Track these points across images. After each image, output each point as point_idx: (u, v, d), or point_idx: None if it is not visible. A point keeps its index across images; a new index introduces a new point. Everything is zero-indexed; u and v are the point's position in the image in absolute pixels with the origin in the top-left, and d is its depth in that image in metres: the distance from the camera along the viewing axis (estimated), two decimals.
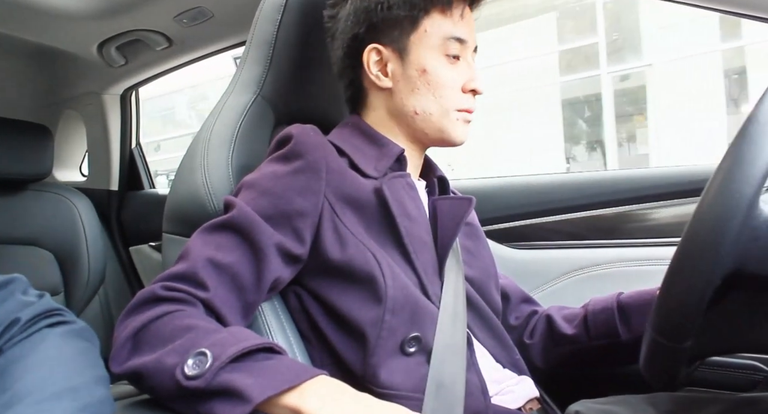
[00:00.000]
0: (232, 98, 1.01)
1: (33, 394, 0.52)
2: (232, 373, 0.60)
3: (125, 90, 1.96)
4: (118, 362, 0.65)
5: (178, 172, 0.98)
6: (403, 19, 0.86)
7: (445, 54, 0.87)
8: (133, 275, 1.98)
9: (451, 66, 0.88)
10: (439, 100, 0.87)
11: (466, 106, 0.89)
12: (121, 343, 0.66)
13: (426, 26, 0.86)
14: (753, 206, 0.54)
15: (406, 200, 0.85)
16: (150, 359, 0.63)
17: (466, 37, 0.88)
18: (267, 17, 1.01)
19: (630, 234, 1.35)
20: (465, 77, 0.89)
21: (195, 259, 0.72)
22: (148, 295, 0.69)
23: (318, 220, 0.79)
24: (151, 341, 0.65)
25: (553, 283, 1.35)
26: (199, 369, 0.59)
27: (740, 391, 0.99)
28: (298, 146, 0.81)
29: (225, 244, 0.74)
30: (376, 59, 0.89)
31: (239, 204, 0.77)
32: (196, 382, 0.59)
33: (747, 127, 0.55)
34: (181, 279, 0.71)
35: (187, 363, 0.60)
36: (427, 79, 0.87)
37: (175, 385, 0.60)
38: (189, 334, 0.64)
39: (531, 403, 0.88)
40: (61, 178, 2.05)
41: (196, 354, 0.60)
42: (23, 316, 0.62)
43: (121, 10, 1.49)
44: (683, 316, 0.57)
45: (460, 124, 0.89)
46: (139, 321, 0.66)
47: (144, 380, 0.63)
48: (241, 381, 0.59)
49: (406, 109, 0.89)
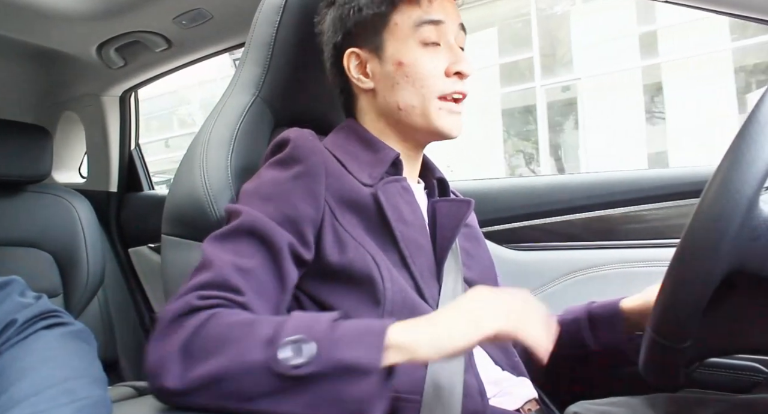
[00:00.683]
0: (231, 99, 1.01)
1: (29, 397, 0.52)
2: (335, 351, 0.60)
3: (124, 91, 1.96)
4: (176, 376, 0.61)
5: (177, 174, 0.98)
6: (373, 17, 0.87)
7: (421, 42, 0.86)
8: (133, 277, 1.98)
9: (428, 53, 0.86)
10: (420, 91, 0.85)
11: (449, 90, 0.86)
12: (169, 358, 0.62)
13: (396, 19, 0.86)
14: (753, 206, 0.54)
15: (402, 205, 0.85)
16: (223, 361, 0.61)
17: (440, 18, 0.86)
18: (266, 19, 1.01)
19: (629, 235, 1.35)
20: (447, 61, 0.86)
21: (220, 266, 0.70)
22: (185, 307, 0.66)
23: (320, 224, 0.79)
24: (208, 347, 0.63)
25: (552, 284, 1.35)
26: (306, 355, 0.59)
27: (740, 392, 0.99)
28: (297, 151, 0.81)
29: (243, 249, 0.73)
30: (356, 63, 0.90)
31: (246, 209, 0.76)
32: (308, 368, 0.59)
33: (747, 127, 0.55)
34: (213, 287, 0.68)
35: (281, 353, 0.60)
36: (404, 72, 0.86)
37: (275, 377, 0.59)
38: (254, 328, 0.63)
39: (529, 404, 0.88)
40: (60, 179, 2.04)
41: (290, 342, 0.60)
42: (20, 317, 0.62)
43: (120, 12, 1.49)
44: (682, 317, 0.57)
45: (444, 114, 0.86)
46: (184, 333, 0.64)
47: (224, 384, 0.61)
48: (349, 355, 0.60)
49: (390, 106, 0.88)
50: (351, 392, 0.60)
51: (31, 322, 0.63)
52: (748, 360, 1.07)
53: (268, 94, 1.01)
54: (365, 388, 0.60)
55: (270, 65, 1.01)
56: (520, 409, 0.86)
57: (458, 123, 0.88)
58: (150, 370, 0.64)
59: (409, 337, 0.63)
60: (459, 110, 0.88)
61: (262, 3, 1.03)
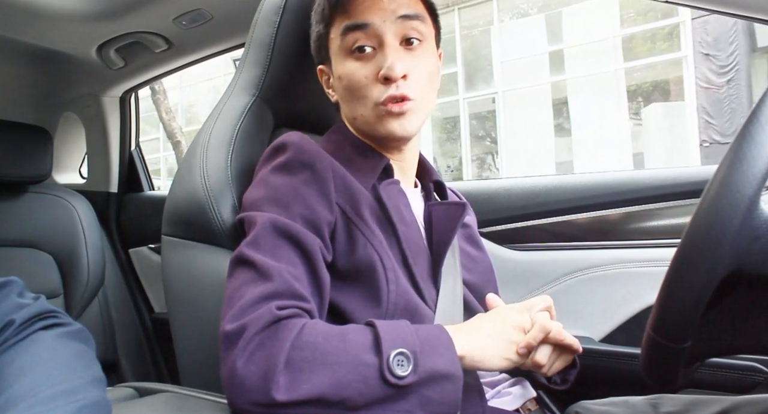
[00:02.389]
0: (231, 100, 1.01)
1: (27, 398, 0.52)
2: (428, 360, 0.66)
3: (124, 92, 1.96)
4: (286, 388, 0.62)
5: (177, 174, 0.98)
6: (320, 35, 0.90)
7: (349, 51, 0.84)
8: (133, 277, 1.98)
9: (359, 62, 0.83)
10: (360, 101, 0.84)
11: (382, 97, 0.82)
12: (274, 371, 0.62)
13: (332, 34, 0.88)
14: (753, 206, 0.54)
15: (401, 206, 0.85)
16: (337, 370, 0.63)
17: (364, 21, 0.82)
18: (266, 19, 1.01)
19: (629, 235, 1.35)
20: (376, 67, 0.82)
21: (280, 274, 0.70)
22: (270, 318, 0.65)
23: (334, 225, 0.79)
24: (313, 357, 0.64)
25: (552, 284, 1.35)
26: (407, 366, 0.64)
27: (740, 392, 0.99)
28: (303, 156, 0.80)
29: (285, 254, 0.73)
30: (325, 78, 0.94)
31: (268, 215, 0.75)
32: (409, 378, 0.64)
33: (747, 127, 0.55)
34: (285, 296, 0.69)
35: (389, 365, 0.64)
36: (344, 85, 0.86)
37: (385, 385, 0.64)
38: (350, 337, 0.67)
39: (529, 404, 0.88)
40: (60, 180, 2.05)
41: (395, 355, 0.65)
42: (18, 318, 0.62)
43: (120, 12, 1.49)
44: (682, 317, 0.57)
45: (386, 118, 0.83)
46: (281, 344, 0.64)
47: (336, 393, 0.62)
48: (435, 364, 0.66)
49: (349, 117, 0.90)
50: (441, 398, 0.65)
51: (30, 323, 0.63)
52: (748, 360, 1.07)
53: (268, 95, 1.01)
54: (453, 392, 0.66)
55: (270, 66, 1.01)
56: (520, 409, 0.86)
57: (402, 123, 0.83)
58: (246, 381, 0.63)
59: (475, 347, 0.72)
60: (401, 111, 0.82)
61: (261, 4, 1.03)
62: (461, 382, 0.67)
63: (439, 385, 0.65)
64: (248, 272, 0.71)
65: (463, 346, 0.70)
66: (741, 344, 0.66)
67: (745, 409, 0.82)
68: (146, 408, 0.77)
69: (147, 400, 0.83)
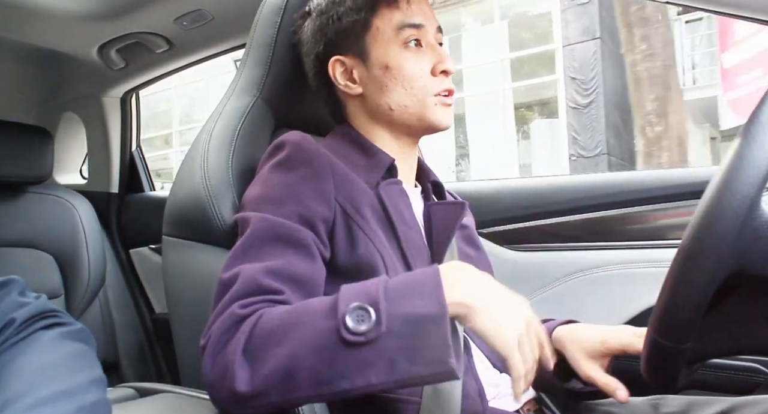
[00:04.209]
0: (232, 101, 1.01)
1: (25, 398, 0.52)
2: (397, 307, 0.61)
3: (125, 92, 1.96)
4: (247, 378, 0.62)
5: (178, 175, 0.99)
6: (353, 24, 0.88)
7: (404, 44, 0.87)
8: (134, 278, 1.98)
9: (413, 54, 0.87)
10: (410, 91, 0.87)
11: (440, 88, 0.88)
12: (233, 365, 0.62)
13: (377, 23, 0.87)
14: (754, 206, 0.53)
15: (402, 207, 0.86)
16: (291, 346, 0.61)
17: (419, 21, 0.88)
18: (267, 20, 1.01)
19: (630, 236, 1.35)
20: (432, 61, 0.88)
21: (250, 275, 0.70)
22: (231, 318, 0.66)
23: (332, 223, 0.79)
24: (269, 341, 0.63)
25: (553, 285, 1.35)
26: (369, 320, 0.60)
27: (741, 393, 0.99)
28: (301, 153, 0.81)
29: (269, 253, 0.73)
30: (341, 70, 0.90)
31: (260, 216, 0.76)
32: (372, 332, 0.60)
33: (749, 128, 0.55)
34: (250, 294, 0.68)
35: (344, 323, 0.60)
36: (392, 74, 0.87)
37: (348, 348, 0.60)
38: (308, 309, 0.64)
39: (529, 405, 0.88)
40: (61, 180, 2.04)
41: (352, 309, 0.61)
42: (18, 317, 0.62)
43: (121, 13, 1.49)
44: (684, 317, 0.57)
45: (440, 109, 0.89)
46: (239, 339, 0.64)
47: (297, 371, 0.61)
48: (411, 307, 0.61)
49: (381, 108, 0.89)
50: (422, 343, 0.60)
51: (30, 322, 0.63)
52: (749, 361, 1.07)
53: (269, 96, 1.01)
54: (437, 334, 0.60)
55: (271, 66, 1.01)
56: (520, 410, 0.86)
57: (451, 116, 0.90)
58: (214, 383, 0.64)
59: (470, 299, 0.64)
60: (450, 103, 0.90)
61: (262, 4, 1.03)
62: (446, 324, 0.61)
63: (417, 328, 0.61)
64: (222, 284, 0.72)
65: (467, 292, 0.65)
66: (742, 345, 0.66)
67: (746, 409, 0.82)
68: (147, 408, 0.77)
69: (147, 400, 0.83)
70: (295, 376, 0.61)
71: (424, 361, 0.60)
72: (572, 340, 0.89)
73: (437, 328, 0.61)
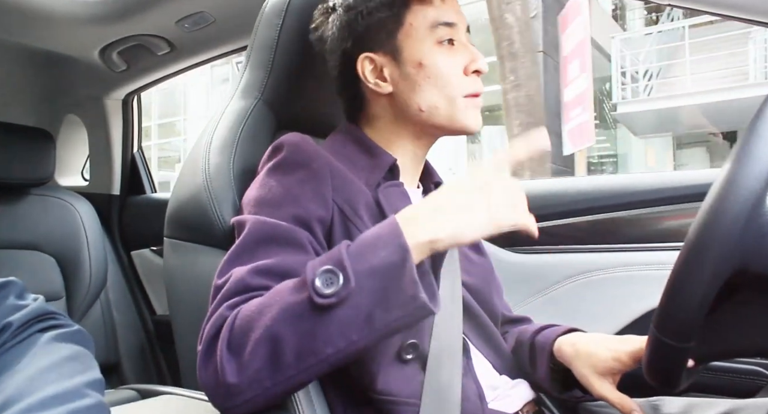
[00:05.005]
0: (233, 103, 1.01)
1: (21, 401, 0.51)
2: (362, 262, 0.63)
3: (127, 95, 1.97)
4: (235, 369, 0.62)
5: (179, 177, 0.99)
6: (385, 20, 0.85)
7: (438, 42, 0.85)
8: (135, 279, 1.98)
9: (447, 52, 0.85)
10: (443, 91, 0.84)
11: (472, 89, 0.86)
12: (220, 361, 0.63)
13: (410, 20, 0.85)
14: (760, 203, 0.53)
15: (401, 209, 0.85)
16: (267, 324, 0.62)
17: (453, 20, 0.85)
18: (268, 22, 1.01)
19: (632, 239, 1.34)
20: (465, 60, 0.86)
21: (240, 276, 0.70)
22: (218, 320, 0.67)
23: (330, 225, 0.79)
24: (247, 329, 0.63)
25: (555, 287, 1.35)
26: (337, 281, 0.61)
27: (743, 396, 0.99)
28: (300, 155, 0.80)
29: (262, 253, 0.73)
30: (371, 67, 0.87)
31: (256, 219, 0.76)
32: (342, 290, 0.61)
33: (755, 124, 0.55)
34: (236, 294, 0.69)
35: (315, 289, 0.61)
36: (426, 73, 0.84)
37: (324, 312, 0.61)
38: (279, 290, 0.65)
39: (528, 406, 0.88)
40: (62, 182, 2.05)
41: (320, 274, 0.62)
42: (15, 321, 0.61)
43: (122, 15, 1.49)
44: (688, 315, 0.56)
45: (470, 111, 0.86)
46: (223, 336, 0.64)
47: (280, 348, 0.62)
48: (375, 259, 0.63)
49: (411, 108, 0.86)
50: (393, 291, 0.62)
51: (27, 326, 0.62)
52: (752, 364, 1.07)
53: (271, 98, 1.01)
54: (406, 280, 0.62)
55: (272, 68, 1.01)
56: (520, 411, 0.86)
57: (480, 118, 0.89)
58: (209, 384, 0.65)
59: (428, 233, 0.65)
60: (480, 105, 0.88)
61: (264, 6, 1.03)
62: (411, 265, 0.62)
63: (385, 278, 0.62)
64: (216, 288, 0.72)
65: (426, 229, 0.65)
66: (745, 346, 0.66)
67: (746, 412, 0.82)
68: (148, 410, 0.77)
69: (149, 402, 0.83)
70: (279, 355, 0.62)
71: (396, 305, 0.62)
72: (578, 356, 0.86)
73: (403, 271, 0.62)
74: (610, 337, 0.87)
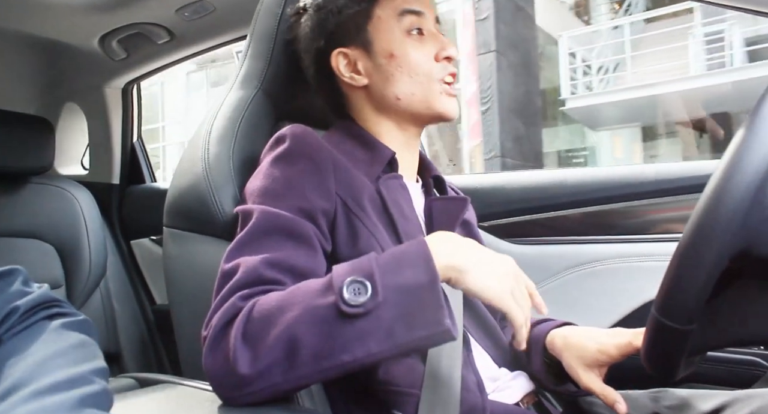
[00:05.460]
0: (233, 92, 1.01)
1: (29, 386, 0.52)
2: (390, 278, 0.63)
3: (127, 83, 1.96)
4: (248, 360, 0.62)
5: (179, 166, 0.98)
6: (354, 15, 0.88)
7: (407, 32, 0.87)
8: (134, 269, 1.99)
9: (417, 42, 0.88)
10: (416, 78, 0.87)
11: (444, 73, 0.88)
12: (233, 351, 0.63)
13: (378, 13, 0.88)
14: (765, 185, 0.53)
15: (401, 201, 0.85)
16: (289, 322, 0.62)
17: (420, 8, 0.88)
18: (268, 11, 1.01)
19: (631, 230, 1.35)
20: (435, 48, 0.89)
21: (252, 266, 0.70)
22: (231, 310, 0.67)
23: (333, 216, 0.79)
24: (266, 322, 0.64)
25: (554, 278, 1.35)
26: (365, 292, 0.62)
27: (741, 386, 0.99)
28: (303, 147, 0.80)
29: (270, 244, 0.73)
30: (345, 62, 0.90)
31: (261, 209, 0.76)
32: (369, 303, 0.61)
33: (760, 105, 0.55)
34: (250, 285, 0.69)
35: (342, 297, 0.62)
36: (398, 63, 0.87)
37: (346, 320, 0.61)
38: (303, 289, 0.65)
39: (528, 398, 0.88)
40: (62, 171, 2.05)
41: (349, 283, 0.62)
42: (22, 305, 0.62)
43: (122, 3, 1.48)
44: (690, 296, 0.56)
45: (445, 98, 0.89)
46: (238, 326, 0.64)
47: (297, 347, 0.62)
48: (403, 277, 0.64)
49: (388, 98, 0.88)
50: (418, 309, 0.62)
51: (33, 312, 0.63)
52: (750, 354, 1.08)
53: (270, 88, 1.01)
54: (431, 300, 0.62)
55: (272, 58, 1.00)
56: (520, 402, 0.86)
57: (456, 105, 0.90)
58: (216, 371, 0.65)
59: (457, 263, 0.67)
60: (454, 93, 0.90)
61: None
62: (439, 288, 0.63)
63: (412, 296, 0.63)
64: (223, 276, 0.72)
65: (453, 257, 0.67)
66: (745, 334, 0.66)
67: (745, 402, 0.82)
68: (147, 398, 0.77)
69: (148, 390, 0.83)
70: (296, 353, 0.62)
71: (420, 325, 0.62)
72: (567, 348, 0.87)
73: (431, 293, 0.63)
74: (600, 330, 0.88)
